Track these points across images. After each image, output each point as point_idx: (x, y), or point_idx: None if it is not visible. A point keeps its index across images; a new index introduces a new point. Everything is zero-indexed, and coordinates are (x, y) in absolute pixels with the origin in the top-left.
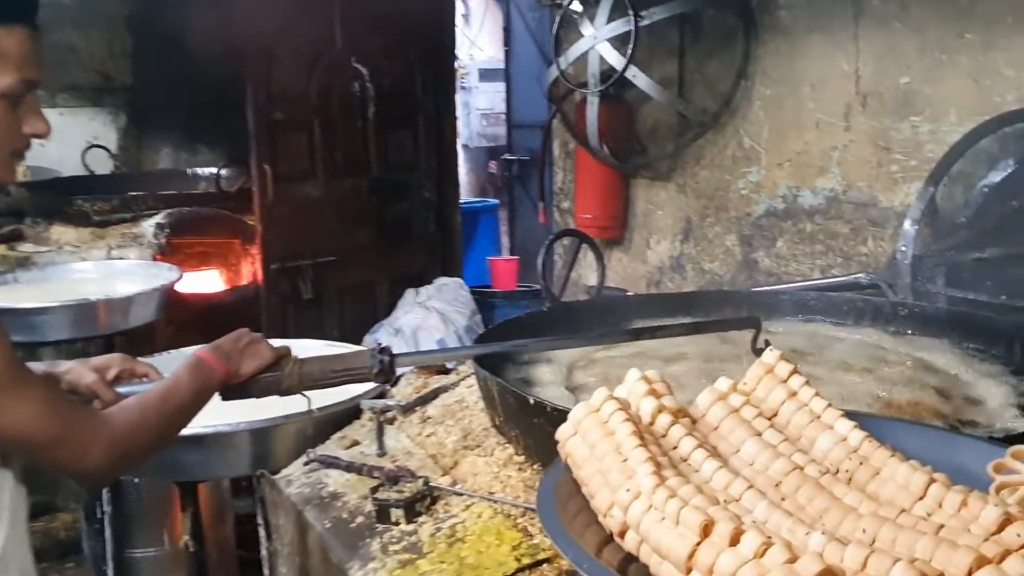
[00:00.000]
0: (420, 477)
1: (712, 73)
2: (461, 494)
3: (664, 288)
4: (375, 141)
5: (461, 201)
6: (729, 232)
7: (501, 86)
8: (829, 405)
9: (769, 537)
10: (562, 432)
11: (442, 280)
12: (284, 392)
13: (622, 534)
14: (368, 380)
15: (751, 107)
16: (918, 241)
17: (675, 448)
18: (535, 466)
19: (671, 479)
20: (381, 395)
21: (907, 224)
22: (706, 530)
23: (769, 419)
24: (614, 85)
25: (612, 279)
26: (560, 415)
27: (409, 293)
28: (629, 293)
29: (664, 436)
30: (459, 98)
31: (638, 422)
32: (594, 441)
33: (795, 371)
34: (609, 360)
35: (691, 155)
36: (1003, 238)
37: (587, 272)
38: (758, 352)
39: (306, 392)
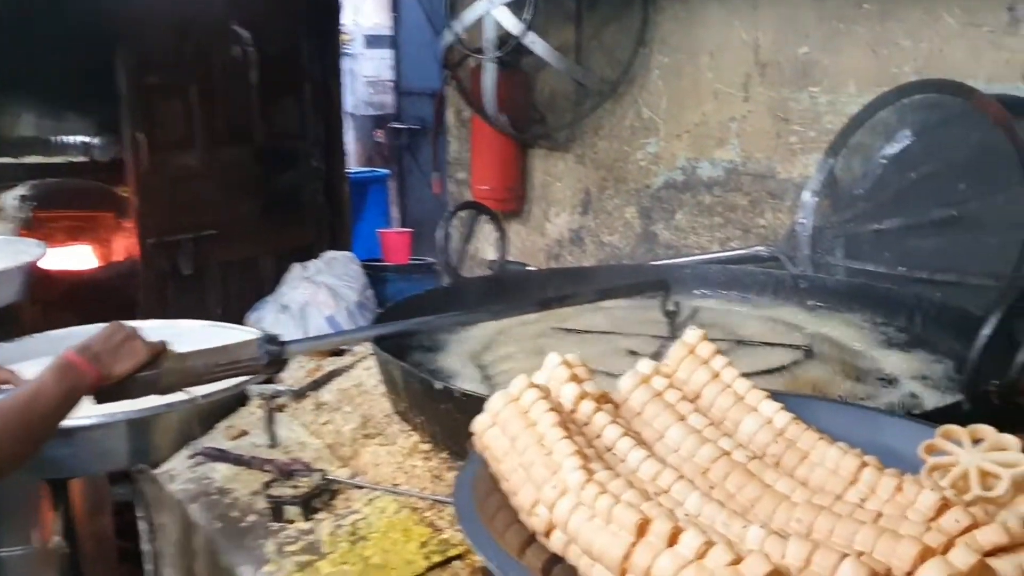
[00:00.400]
0: (316, 470)
1: (610, 40)
2: (362, 487)
3: (564, 262)
4: (258, 108)
5: (349, 171)
6: (628, 204)
7: (387, 53)
8: (753, 386)
9: (710, 538)
10: (479, 423)
11: (331, 254)
12: (163, 391)
13: (547, 534)
14: (256, 372)
15: (649, 76)
16: (817, 213)
17: (599, 437)
18: (442, 455)
19: (600, 473)
20: (270, 380)
21: (806, 196)
22: (641, 529)
23: (692, 401)
24: (511, 52)
25: (511, 253)
26: (469, 401)
27: (296, 268)
28: (530, 267)
29: (587, 424)
30: (343, 65)
31: (560, 410)
32: (515, 433)
33: (717, 351)
34: (520, 339)
35: (590, 125)
36: (901, 209)
37: (484, 246)
38: (668, 314)
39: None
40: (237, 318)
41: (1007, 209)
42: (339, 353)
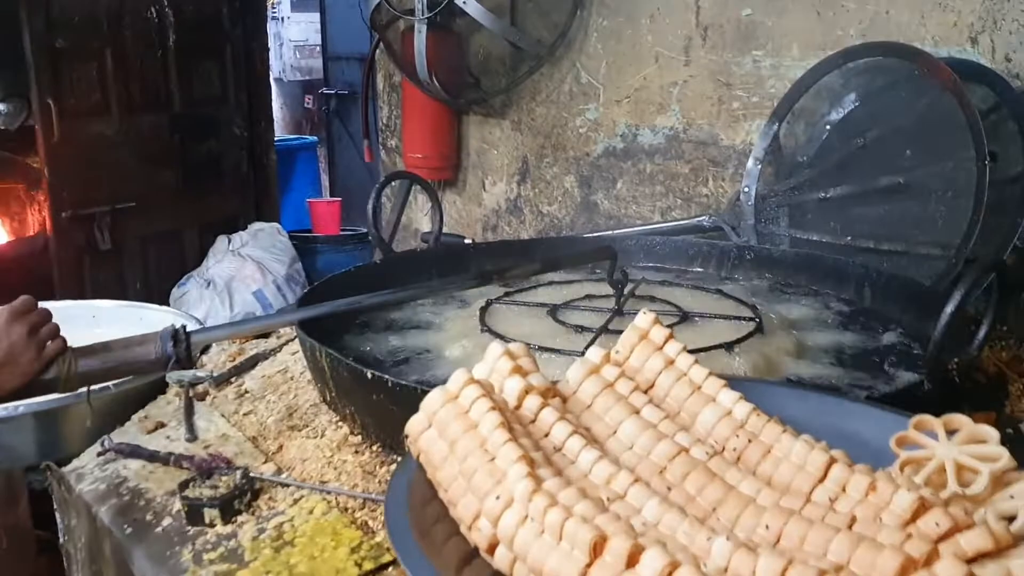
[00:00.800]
0: (238, 468)
1: (547, 1)
2: (288, 485)
3: (502, 233)
4: (177, 73)
5: (276, 138)
6: (568, 173)
7: (315, 16)
8: (710, 374)
9: (674, 557)
10: (414, 425)
11: (257, 225)
12: (63, 391)
13: (491, 550)
14: (160, 370)
15: (588, 39)
16: (761, 181)
17: (547, 436)
18: (374, 447)
19: (549, 481)
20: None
21: (750, 163)
22: (597, 548)
23: (646, 391)
24: (442, 12)
25: (446, 223)
26: (404, 392)
27: (221, 241)
28: (467, 240)
29: (533, 422)
30: (270, 29)
31: (504, 408)
32: (454, 436)
33: (671, 336)
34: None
35: (526, 90)
36: (846, 177)
37: (418, 216)
38: (615, 284)
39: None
40: (160, 294)
41: (955, 177)
42: (264, 335)
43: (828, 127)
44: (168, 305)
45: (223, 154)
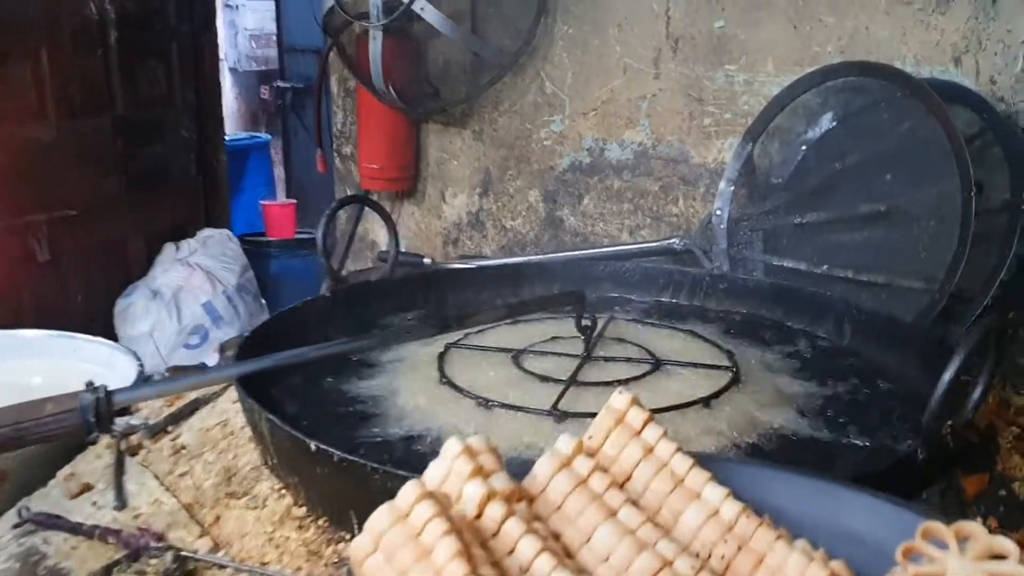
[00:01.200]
0: (169, 548)
1: (509, 8)
2: (225, 566)
3: (463, 247)
4: (120, 73)
5: (227, 137)
6: (532, 187)
7: (271, 5)
8: (694, 464)
9: None
10: (356, 549)
11: (207, 232)
12: None
13: None
14: (80, 438)
15: (553, 48)
16: (734, 203)
17: (511, 553)
18: (320, 522)
19: None
20: (124, 410)
21: (722, 185)
22: None
23: (623, 486)
24: (399, 18)
25: (405, 236)
26: (352, 468)
27: (168, 248)
28: (426, 260)
29: (496, 534)
30: (224, 16)
31: (463, 527)
32: (404, 565)
33: (650, 419)
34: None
35: (489, 100)
36: (823, 202)
37: (374, 228)
38: (584, 330)
39: None
40: (104, 306)
41: (939, 206)
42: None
43: (804, 147)
44: (113, 318)
45: (170, 158)
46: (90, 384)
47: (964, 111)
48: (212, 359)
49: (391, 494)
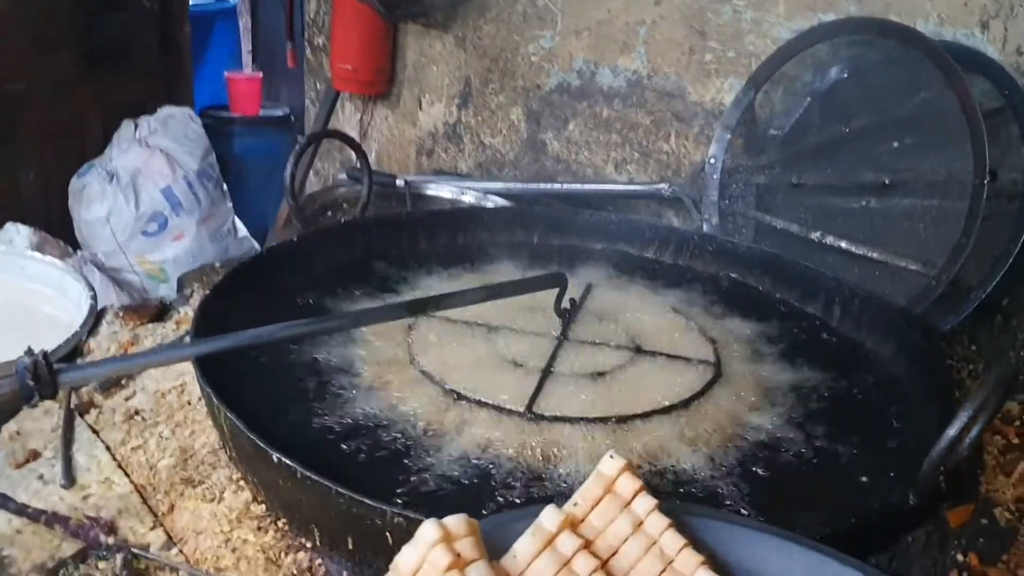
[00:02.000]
0: (119, 548)
1: None
2: (177, 569)
3: (438, 160)
4: None
5: (191, 2)
6: (515, 104)
7: None
8: (687, 544)
9: None
10: None
11: (168, 111)
12: None
13: None
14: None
15: None
16: (729, 153)
17: None
18: (280, 523)
19: None
20: (74, 352)
21: (719, 131)
22: None
23: (607, 561)
24: None
25: (377, 140)
26: (315, 486)
27: (126, 127)
28: (399, 182)
29: None
30: None
31: None
32: None
33: (642, 488)
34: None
35: (474, 4)
36: (824, 164)
37: (345, 128)
38: (562, 313)
39: None
40: (58, 187)
41: (948, 186)
42: (160, 317)
43: (809, 98)
44: (67, 199)
45: (130, 30)
46: (29, 351)
47: (984, 82)
48: (170, 249)
49: (355, 517)
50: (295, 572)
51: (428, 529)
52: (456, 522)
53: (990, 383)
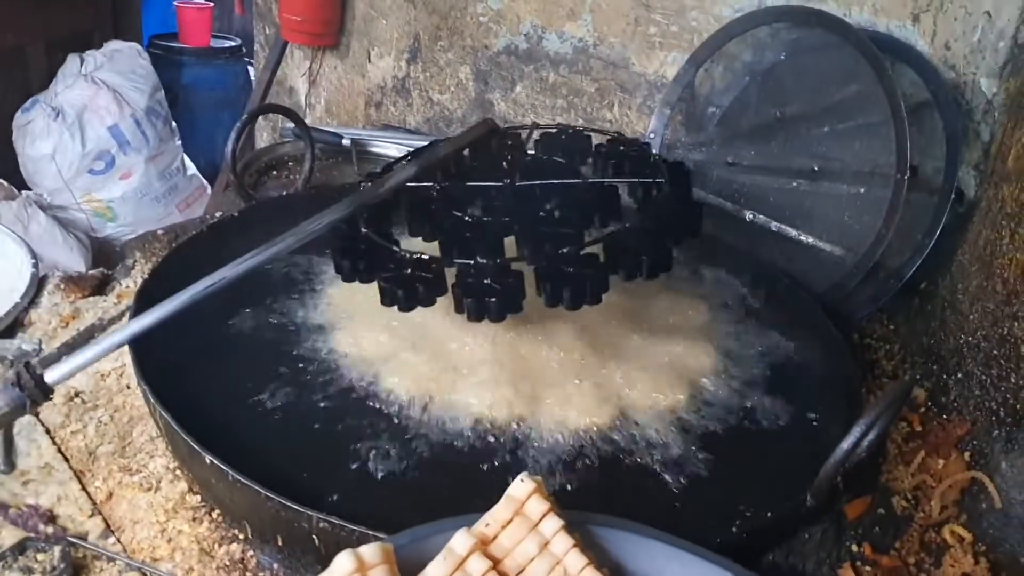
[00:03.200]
0: (57, 540)
1: None
2: (114, 559)
3: (386, 113)
4: None
5: None
6: (463, 63)
7: None
8: (588, 564)
9: None
10: None
11: (114, 45)
12: None
13: None
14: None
15: None
16: (670, 128)
17: None
18: (214, 514)
19: None
20: (12, 327)
21: (660, 107)
22: None
23: None
24: None
25: (326, 90)
26: (248, 492)
27: (72, 61)
28: (345, 141)
29: None
30: None
31: None
32: None
33: (551, 510)
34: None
35: None
36: (757, 146)
37: (294, 74)
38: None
39: None
40: (1, 122)
41: (872, 177)
42: (101, 290)
43: (748, 77)
44: (12, 134)
45: None
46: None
47: (913, 74)
48: (118, 188)
49: (283, 520)
50: (228, 563)
51: (343, 561)
52: (370, 552)
53: (885, 399)
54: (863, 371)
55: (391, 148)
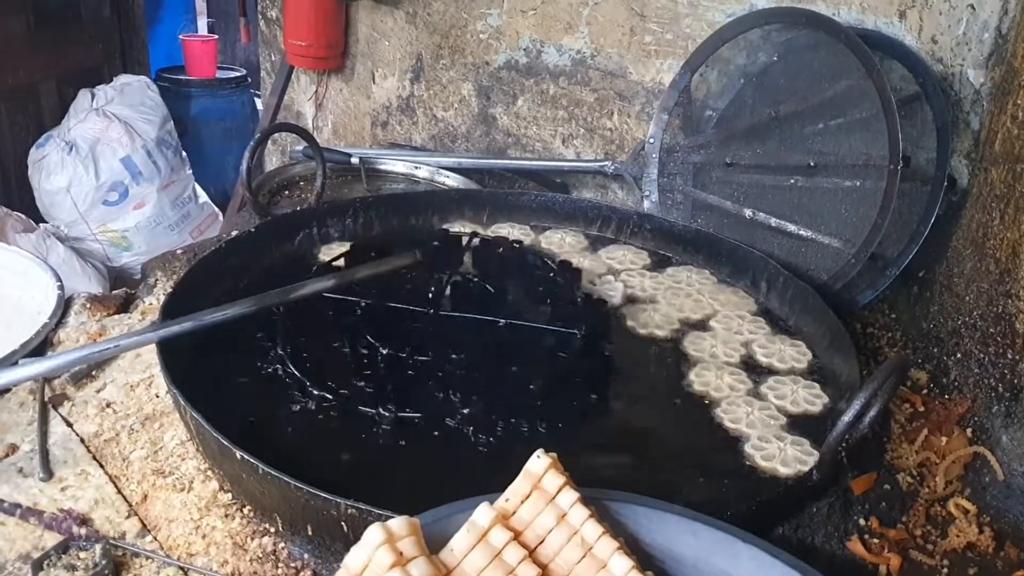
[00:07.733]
0: (97, 541)
1: None
2: (152, 557)
3: (392, 132)
4: None
5: None
6: (466, 79)
7: None
8: (604, 532)
9: None
10: None
11: (124, 79)
12: None
13: None
14: None
15: None
16: (668, 133)
17: None
18: (246, 510)
19: None
20: (42, 346)
21: (658, 112)
22: None
23: (534, 549)
24: None
25: (332, 112)
26: (278, 483)
27: (83, 96)
28: (354, 160)
29: None
30: None
31: None
32: None
33: (567, 483)
34: None
35: None
36: (755, 145)
37: (300, 99)
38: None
39: None
40: (16, 157)
41: (866, 170)
42: (126, 308)
43: (743, 80)
44: (27, 168)
45: None
46: None
47: (901, 69)
48: (132, 217)
49: (312, 509)
50: (260, 555)
51: (373, 532)
52: (398, 524)
53: (881, 374)
54: (867, 358)
55: (398, 165)
